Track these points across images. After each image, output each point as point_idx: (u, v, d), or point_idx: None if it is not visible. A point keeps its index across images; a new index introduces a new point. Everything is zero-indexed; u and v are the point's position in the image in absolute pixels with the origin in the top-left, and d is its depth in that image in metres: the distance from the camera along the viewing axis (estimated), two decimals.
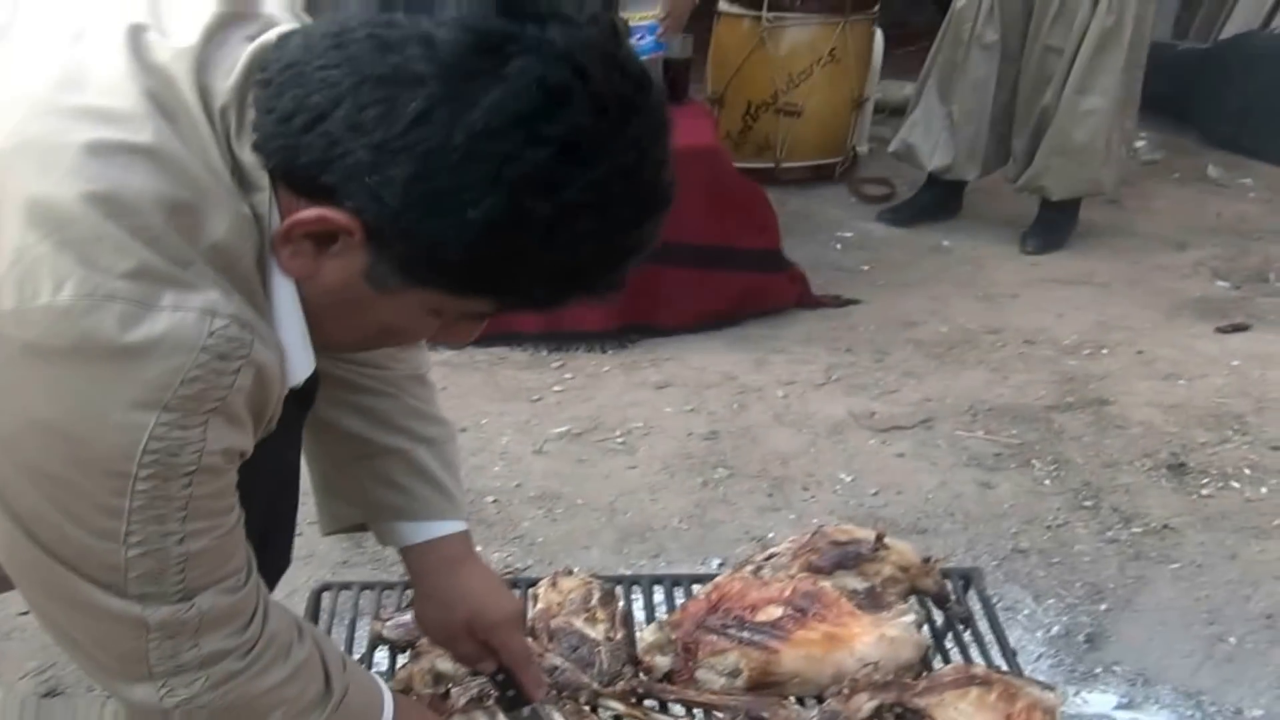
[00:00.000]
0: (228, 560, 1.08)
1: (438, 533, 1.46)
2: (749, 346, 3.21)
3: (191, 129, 0.97)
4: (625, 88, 0.96)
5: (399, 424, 1.44)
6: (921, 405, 2.90)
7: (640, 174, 0.99)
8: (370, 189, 0.93)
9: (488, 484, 2.54)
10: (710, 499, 2.51)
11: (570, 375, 3.05)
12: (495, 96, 0.91)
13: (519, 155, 0.92)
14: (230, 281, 0.97)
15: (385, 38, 0.94)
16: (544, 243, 0.96)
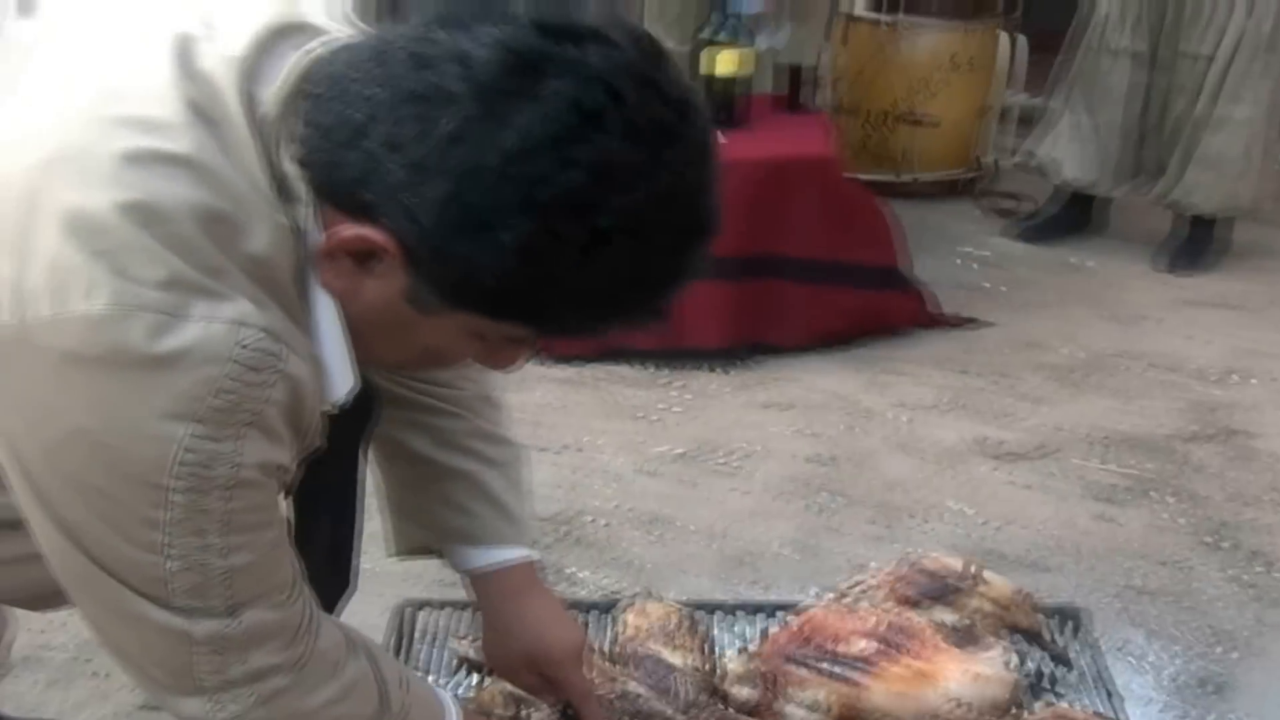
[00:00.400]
0: (273, 575, 1.07)
1: (501, 558, 1.45)
2: (865, 367, 3.12)
3: (233, 138, 0.95)
4: (663, 112, 0.93)
5: (466, 445, 1.43)
6: (1042, 432, 2.78)
7: (678, 201, 0.96)
8: (406, 208, 0.92)
9: (591, 504, 2.51)
10: (818, 526, 2.44)
11: (682, 394, 3.00)
12: (528, 117, 0.89)
13: (551, 178, 0.90)
14: (268, 293, 0.96)
15: (424, 55, 0.92)
16: (578, 267, 0.94)
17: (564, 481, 2.59)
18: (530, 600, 1.46)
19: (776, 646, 1.50)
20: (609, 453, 2.72)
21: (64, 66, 1.01)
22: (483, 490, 1.43)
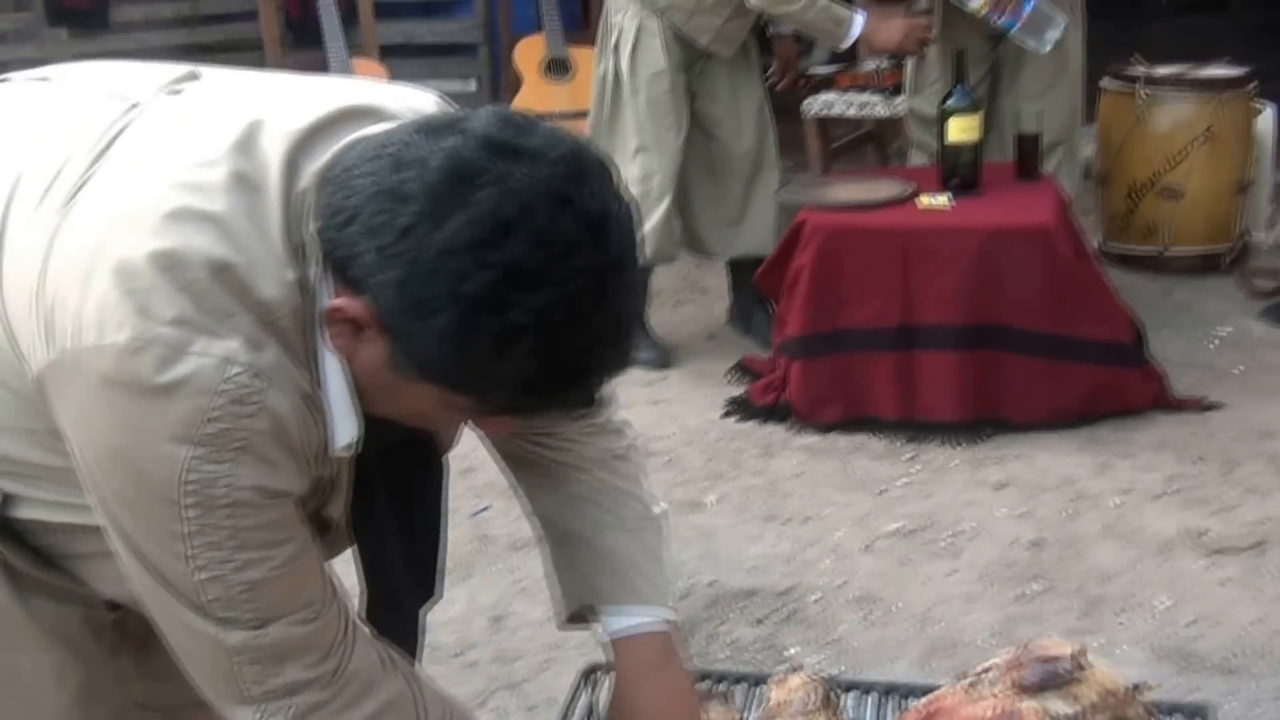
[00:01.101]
0: (297, 593, 1.19)
1: (624, 625, 1.50)
2: (1097, 448, 3.21)
3: (264, 205, 1.12)
4: (573, 227, 1.06)
5: (592, 508, 1.50)
6: (1258, 526, 2.82)
7: (584, 306, 1.07)
8: (377, 288, 1.07)
9: (814, 580, 2.72)
10: (1022, 614, 2.58)
11: (918, 468, 3.18)
12: (457, 221, 1.04)
13: (470, 275, 1.04)
14: (270, 334, 1.11)
15: (400, 157, 1.07)
16: (497, 355, 1.07)
17: (793, 556, 2.81)
18: (652, 678, 1.50)
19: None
20: (839, 527, 2.92)
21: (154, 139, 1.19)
22: (602, 551, 1.49)
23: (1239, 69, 4.17)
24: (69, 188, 1.15)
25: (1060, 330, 3.25)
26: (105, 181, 1.15)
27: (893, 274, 3.27)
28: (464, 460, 3.24)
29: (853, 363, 3.35)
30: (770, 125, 3.92)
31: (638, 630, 1.51)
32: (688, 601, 2.67)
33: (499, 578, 2.80)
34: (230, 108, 1.20)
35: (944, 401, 3.28)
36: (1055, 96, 3.83)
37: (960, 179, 3.44)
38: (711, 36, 3.68)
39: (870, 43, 3.66)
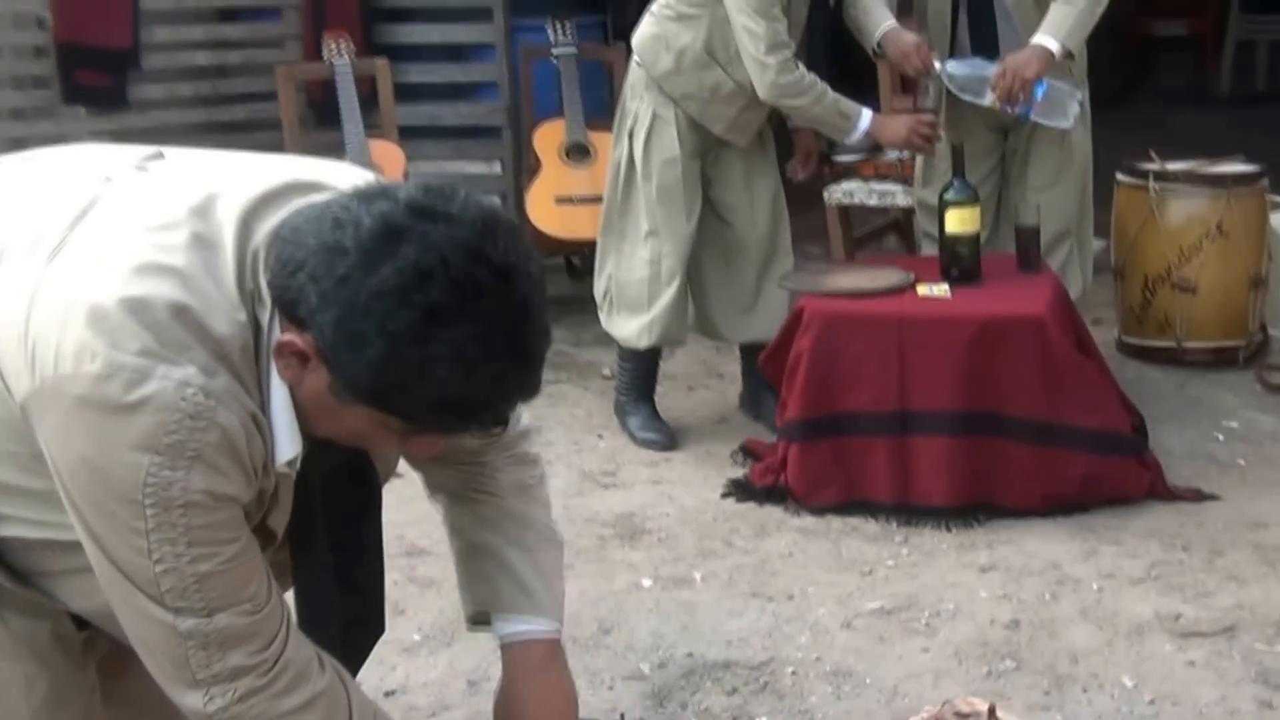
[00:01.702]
0: (242, 588, 1.53)
1: (515, 630, 1.90)
2: (1086, 535, 3.50)
3: (218, 259, 1.48)
4: (484, 275, 1.41)
5: (498, 526, 1.90)
6: (1232, 612, 3.09)
7: (494, 341, 1.42)
8: (319, 325, 1.42)
9: (791, 654, 3.02)
10: (988, 690, 2.85)
11: (907, 550, 3.48)
12: (386, 270, 1.39)
13: (395, 314, 1.39)
14: (222, 365, 1.45)
15: (340, 218, 1.43)
16: (419, 380, 1.41)
17: (772, 631, 3.11)
18: (536, 677, 1.88)
19: None
20: (822, 604, 3.23)
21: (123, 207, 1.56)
22: (506, 566, 1.87)
23: (1252, 166, 4.49)
24: (51, 247, 1.54)
25: (1054, 418, 3.56)
26: (82, 242, 1.52)
27: (889, 360, 3.60)
28: None
29: (849, 446, 3.67)
30: (784, 213, 4.29)
31: (527, 635, 1.92)
32: (664, 671, 2.99)
33: (480, 645, 3.09)
34: (190, 180, 1.61)
35: (938, 486, 3.59)
36: (1061, 189, 4.18)
37: (960, 269, 3.78)
38: (726, 126, 4.06)
39: (877, 138, 4.03)
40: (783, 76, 3.81)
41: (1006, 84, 3.84)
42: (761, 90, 3.86)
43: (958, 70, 3.98)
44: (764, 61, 3.81)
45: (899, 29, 3.98)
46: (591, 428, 4.37)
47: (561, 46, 5.29)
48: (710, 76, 3.98)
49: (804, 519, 3.67)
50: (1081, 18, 3.81)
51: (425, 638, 3.16)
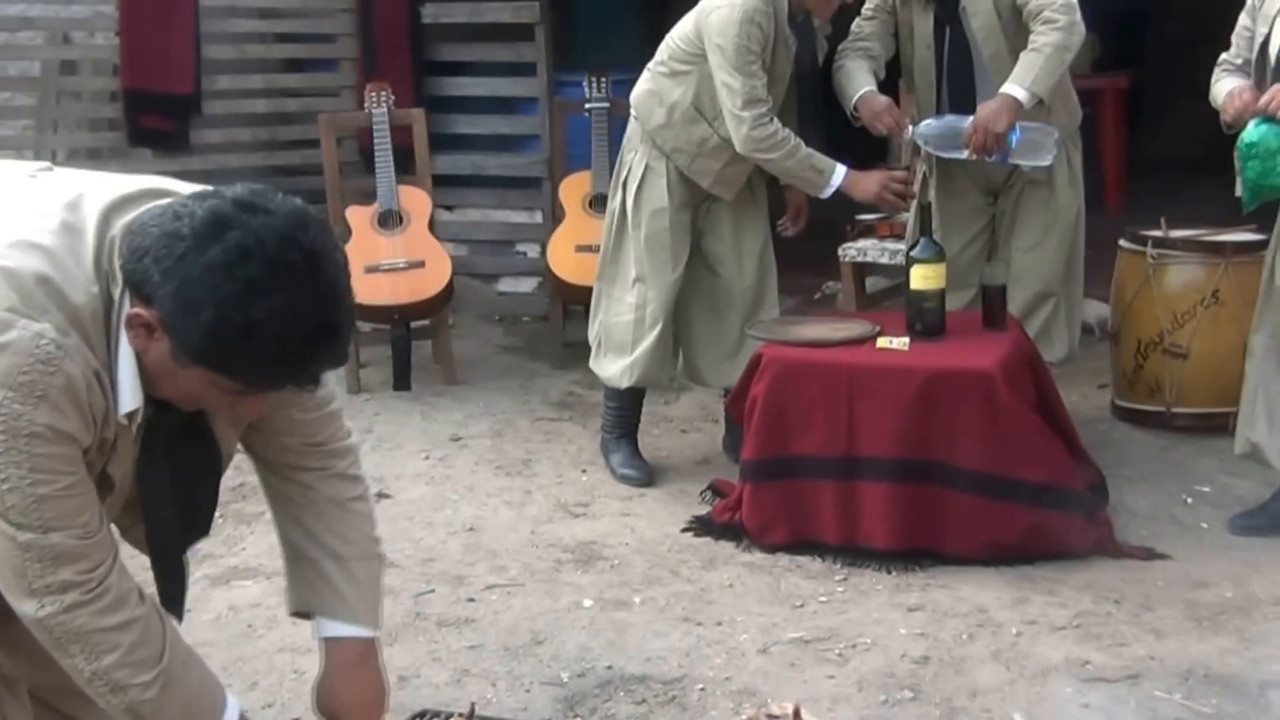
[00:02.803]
0: (75, 515, 1.82)
1: (331, 632, 2.19)
2: (1022, 584, 3.59)
3: (81, 242, 1.81)
4: (295, 256, 1.72)
5: (317, 538, 2.17)
6: (1141, 661, 3.17)
7: (303, 310, 1.73)
8: (161, 300, 1.73)
9: (703, 673, 3.18)
10: (878, 716, 2.99)
11: (843, 589, 3.62)
12: (214, 251, 1.70)
13: (221, 287, 1.70)
14: (73, 327, 1.77)
15: (178, 212, 1.75)
16: (243, 342, 1.72)
17: (692, 651, 3.28)
18: (348, 674, 2.17)
19: None
20: (746, 631, 3.38)
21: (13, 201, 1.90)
22: (324, 575, 2.16)
23: (1254, 235, 4.56)
24: None
25: (998, 471, 3.68)
26: None
27: (838, 407, 3.76)
28: (428, 551, 3.83)
29: (800, 488, 3.83)
30: (772, 266, 4.47)
31: (343, 636, 2.21)
32: (582, 680, 3.17)
33: (419, 647, 3.34)
34: (68, 184, 1.96)
35: (881, 530, 3.72)
36: (1044, 250, 4.30)
37: (924, 324, 3.93)
38: (712, 179, 4.27)
39: (849, 194, 4.20)
40: (756, 130, 4.02)
41: (979, 139, 4.00)
42: (737, 143, 4.06)
43: (930, 130, 4.15)
44: (739, 115, 4.02)
45: (874, 93, 4.17)
46: (578, 462, 4.58)
47: (595, 101, 5.56)
48: (698, 131, 4.20)
49: (753, 555, 3.83)
50: (1048, 64, 3.95)
51: None
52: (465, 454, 4.70)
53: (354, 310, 1.84)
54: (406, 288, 5.13)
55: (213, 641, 3.36)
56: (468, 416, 5.06)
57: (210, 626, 3.46)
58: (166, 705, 1.93)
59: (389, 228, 5.25)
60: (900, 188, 4.18)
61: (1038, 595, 3.54)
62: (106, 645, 1.88)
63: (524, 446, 4.76)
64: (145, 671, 1.90)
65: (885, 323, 4.03)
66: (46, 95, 5.94)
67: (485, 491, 4.36)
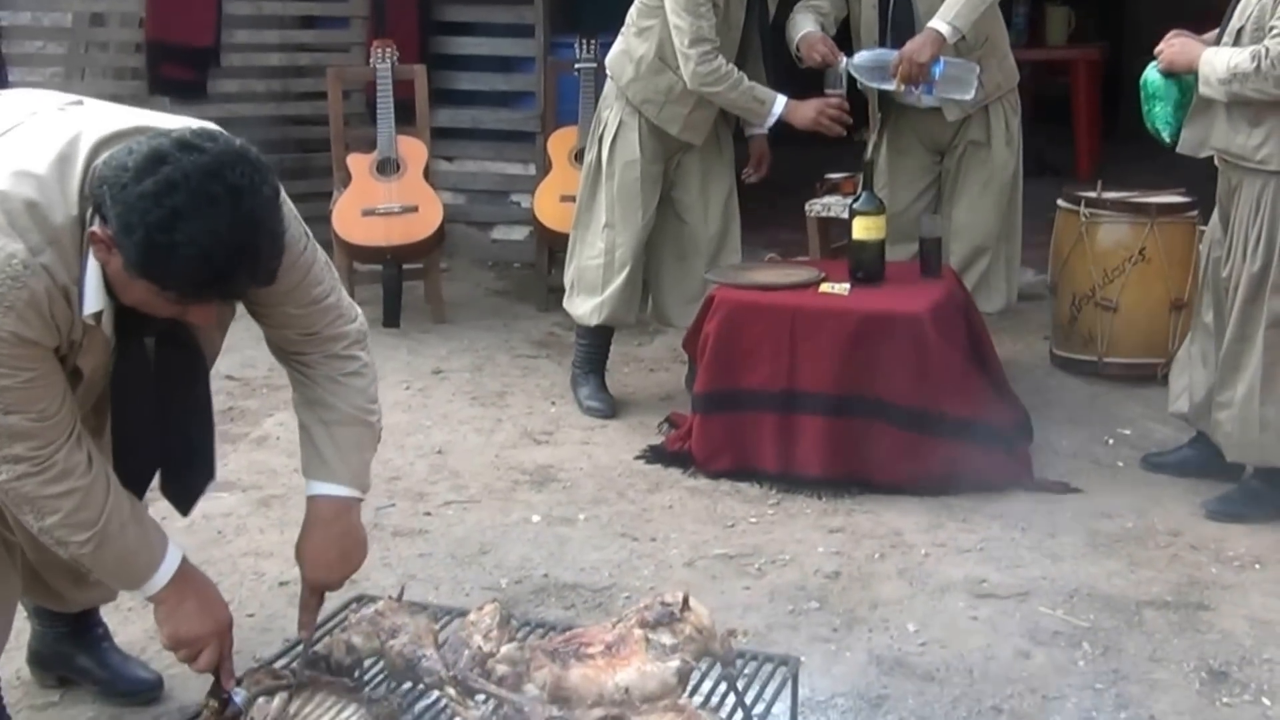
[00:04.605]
0: (34, 402, 2.07)
1: (311, 490, 2.41)
2: (941, 512, 3.74)
3: (70, 172, 2.03)
4: (218, 189, 1.92)
5: (309, 406, 2.41)
6: (1034, 581, 3.32)
7: (223, 234, 1.92)
8: (111, 220, 1.94)
9: (630, 583, 3.35)
10: (783, 624, 3.15)
11: (773, 512, 3.78)
12: (149, 182, 1.91)
13: (152, 211, 1.91)
14: (51, 245, 2.00)
15: (134, 149, 1.95)
16: (170, 260, 1.92)
17: (622, 563, 3.45)
18: (323, 529, 2.39)
19: (545, 643, 2.34)
20: (677, 548, 3.55)
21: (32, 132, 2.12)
22: (310, 438, 2.40)
23: (1182, 197, 4.67)
24: None
25: (923, 406, 3.82)
26: None
27: (781, 345, 3.91)
28: (395, 471, 4.01)
29: (744, 420, 3.98)
30: (735, 215, 4.62)
31: (320, 495, 2.43)
32: (519, 586, 3.35)
33: (372, 554, 3.40)
34: (80, 118, 2.17)
35: (815, 460, 3.88)
36: (981, 207, 4.43)
37: (865, 272, 4.06)
38: (680, 125, 4.41)
39: (789, 121, 4.32)
40: (702, 66, 4.17)
41: (905, 68, 4.13)
42: (686, 77, 4.22)
43: (861, 60, 4.27)
44: (687, 53, 4.18)
45: (813, 32, 4.29)
46: (550, 395, 4.75)
47: (583, 61, 5.68)
48: (664, 80, 4.34)
49: (697, 480, 3.99)
50: (970, 2, 4.09)
51: None
52: (444, 386, 4.88)
53: (276, 239, 2.03)
54: (400, 230, 5.30)
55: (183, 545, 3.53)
56: (451, 352, 5.24)
57: (183, 532, 3.63)
58: (102, 559, 2.23)
59: (386, 174, 5.42)
60: (835, 112, 4.29)
61: (952, 521, 3.69)
62: (49, 509, 2.15)
63: (500, 380, 4.94)
64: (82, 532, 2.18)
65: (832, 271, 4.17)
66: (76, 45, 6.12)
67: (458, 419, 4.54)
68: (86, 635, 2.86)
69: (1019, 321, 5.08)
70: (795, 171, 5.63)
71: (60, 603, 2.74)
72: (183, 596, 2.31)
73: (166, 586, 2.28)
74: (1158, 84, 3.69)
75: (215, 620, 2.35)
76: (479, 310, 5.86)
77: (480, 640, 2.35)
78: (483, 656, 2.31)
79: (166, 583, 2.28)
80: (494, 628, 2.38)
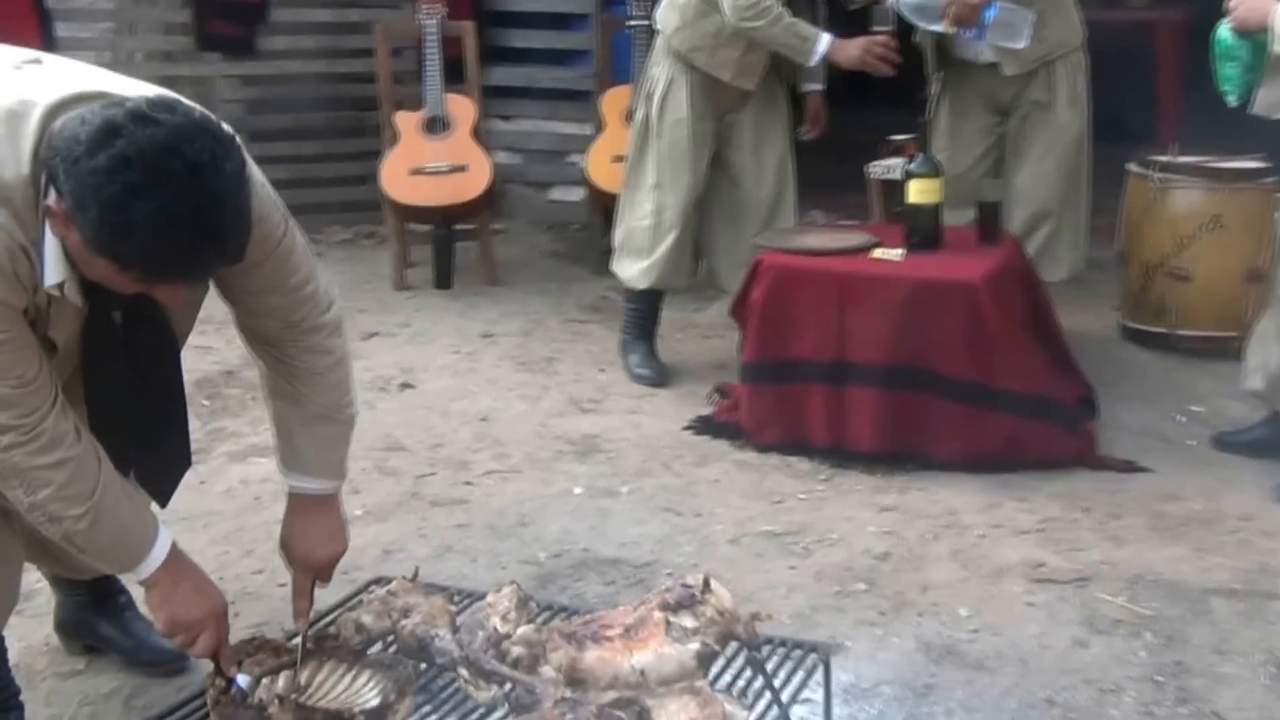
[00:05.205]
0: (12, 367, 1.97)
1: (291, 483, 2.41)
2: (999, 490, 3.60)
3: (23, 132, 1.91)
4: (175, 164, 1.78)
5: (287, 401, 2.34)
6: (1094, 566, 3.18)
7: (181, 215, 1.79)
8: (65, 195, 1.81)
9: (673, 559, 3.25)
10: (829, 605, 3.04)
11: (823, 488, 3.66)
12: (102, 157, 1.77)
13: (105, 188, 1.77)
14: (7, 207, 1.89)
15: (86, 118, 1.82)
16: (126, 239, 1.79)
17: (665, 539, 3.36)
18: (304, 518, 2.39)
19: (561, 625, 2.24)
20: (721, 524, 3.44)
21: None
22: (288, 433, 2.35)
23: (1260, 163, 4.46)
24: None
25: (980, 379, 3.67)
26: None
27: (830, 313, 3.78)
28: (439, 438, 3.94)
29: (794, 391, 3.86)
30: (790, 179, 4.48)
31: (304, 489, 2.42)
32: (558, 560, 3.26)
33: (408, 525, 3.45)
34: (37, 78, 2.05)
35: (867, 433, 3.75)
36: (1044, 170, 4.26)
37: (920, 237, 3.91)
38: (733, 70, 4.27)
39: (834, 60, 4.16)
40: None
41: (955, 9, 3.96)
42: (726, 12, 4.09)
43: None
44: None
45: None
46: (599, 362, 4.65)
47: (637, 19, 5.55)
48: (710, 23, 4.20)
49: (746, 453, 3.88)
50: None
51: (366, 513, 3.51)
52: (493, 350, 4.79)
53: (241, 217, 1.89)
54: (449, 190, 5.22)
55: (220, 511, 3.52)
56: (501, 315, 5.15)
57: (221, 497, 3.61)
58: (97, 536, 2.12)
59: (435, 133, 5.33)
60: (882, 50, 4.13)
61: (1010, 501, 3.55)
62: (41, 481, 2.05)
63: (550, 345, 4.84)
64: (77, 506, 2.07)
65: (887, 236, 4.02)
66: (125, 0, 6.07)
67: (505, 385, 4.45)
68: (108, 603, 2.82)
69: (1087, 291, 4.89)
70: (858, 133, 5.46)
71: (72, 569, 2.68)
72: (178, 578, 2.24)
73: (161, 568, 2.21)
74: (1228, 43, 3.49)
75: (211, 603, 2.28)
76: (533, 273, 5.76)
77: (497, 622, 2.27)
78: (498, 638, 2.23)
79: (161, 563, 2.21)
80: (512, 610, 2.31)
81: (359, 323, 5.06)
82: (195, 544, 3.35)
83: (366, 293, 5.47)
